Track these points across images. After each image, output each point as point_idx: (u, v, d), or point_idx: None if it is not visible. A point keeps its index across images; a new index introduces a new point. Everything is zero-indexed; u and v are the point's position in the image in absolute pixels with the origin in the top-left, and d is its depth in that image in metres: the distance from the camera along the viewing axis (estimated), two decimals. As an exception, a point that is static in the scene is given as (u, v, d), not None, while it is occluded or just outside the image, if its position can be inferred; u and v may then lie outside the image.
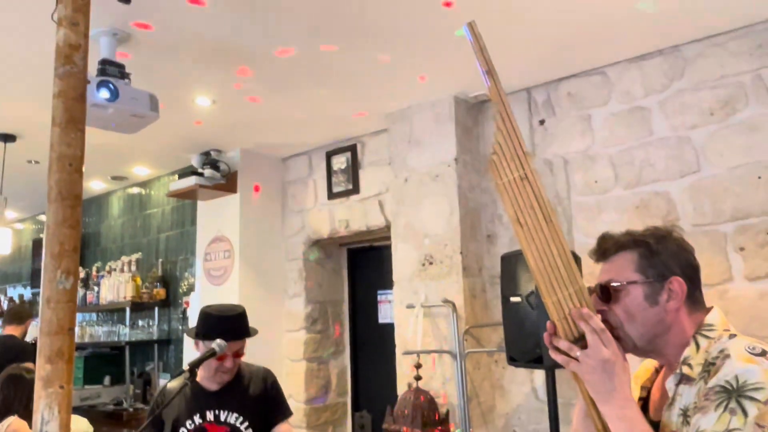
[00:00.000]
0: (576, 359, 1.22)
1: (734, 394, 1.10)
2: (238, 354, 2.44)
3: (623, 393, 1.19)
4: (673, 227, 1.35)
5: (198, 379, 2.45)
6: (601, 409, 1.22)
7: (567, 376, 3.14)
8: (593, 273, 1.38)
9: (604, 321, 1.25)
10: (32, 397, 3.09)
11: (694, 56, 3.09)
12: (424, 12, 2.73)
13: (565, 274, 1.25)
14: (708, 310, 1.29)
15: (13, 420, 3.00)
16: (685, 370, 1.22)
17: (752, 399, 1.08)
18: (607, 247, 1.35)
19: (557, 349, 1.25)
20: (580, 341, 1.23)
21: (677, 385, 1.23)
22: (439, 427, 3.34)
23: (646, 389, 1.39)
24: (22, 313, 4.82)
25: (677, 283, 1.26)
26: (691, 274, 1.29)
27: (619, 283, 1.29)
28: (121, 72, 2.79)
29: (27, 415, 3.04)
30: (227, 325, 2.43)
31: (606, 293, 1.30)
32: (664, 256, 1.28)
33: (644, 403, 1.37)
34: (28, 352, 4.41)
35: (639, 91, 3.24)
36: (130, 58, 3.00)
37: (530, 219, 1.26)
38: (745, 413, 1.07)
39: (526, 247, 1.26)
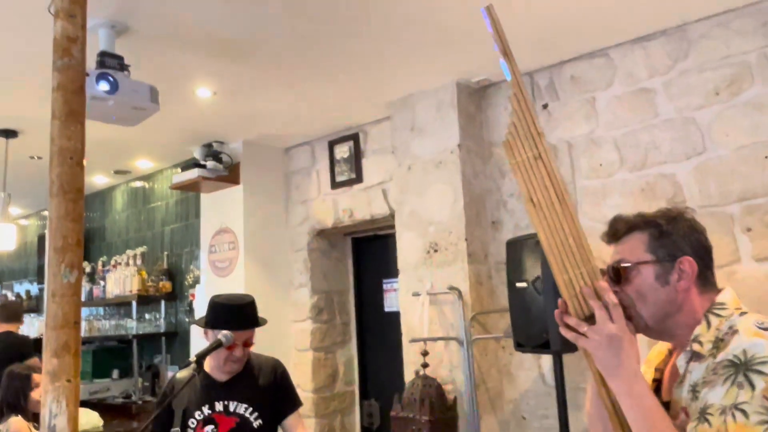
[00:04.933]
0: (584, 335, 1.23)
1: (742, 368, 1.11)
2: (248, 343, 2.43)
3: (631, 368, 1.20)
4: (685, 209, 1.35)
5: (207, 369, 2.44)
6: (609, 384, 1.23)
7: (575, 361, 3.14)
8: (599, 258, 1.37)
9: None
10: (29, 395, 3.11)
11: (699, 36, 3.05)
12: (425, -3, 2.70)
13: (577, 254, 1.26)
14: (720, 290, 1.29)
15: (14, 420, 3.01)
16: (696, 347, 1.22)
17: (760, 372, 1.09)
18: (618, 228, 1.36)
19: (567, 326, 1.26)
20: (590, 319, 1.24)
21: (688, 362, 1.24)
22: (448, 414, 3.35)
23: (660, 371, 1.39)
24: (16, 309, 4.84)
25: (688, 263, 1.26)
26: (703, 255, 1.29)
27: (629, 264, 1.29)
28: (121, 64, 2.77)
29: (26, 412, 3.06)
30: (236, 314, 2.42)
31: (617, 274, 1.30)
32: (675, 237, 1.29)
33: (658, 385, 1.37)
34: (29, 345, 4.46)
35: (643, 72, 3.21)
36: (129, 49, 2.98)
37: (543, 198, 1.27)
38: (752, 387, 1.08)
39: (538, 226, 1.27)
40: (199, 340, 4.26)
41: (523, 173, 1.29)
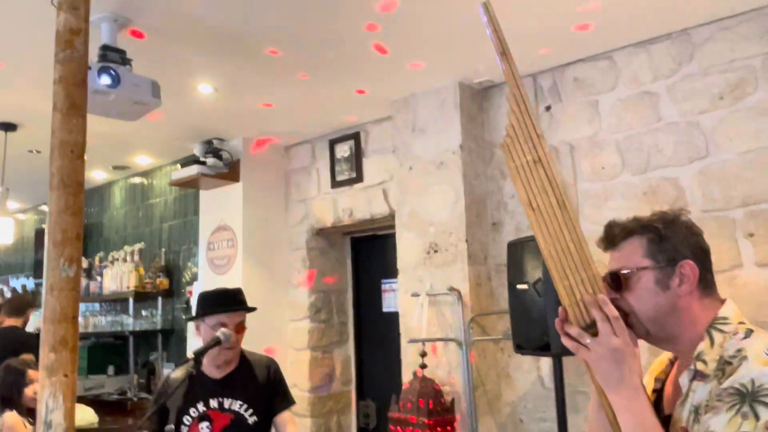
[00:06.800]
0: (586, 347, 1.20)
1: (748, 398, 1.07)
2: (240, 328, 2.44)
3: (632, 383, 1.17)
4: (680, 211, 1.32)
5: (202, 367, 2.44)
6: (609, 398, 1.20)
7: (574, 364, 3.12)
8: (601, 261, 1.35)
9: (617, 309, 1.23)
10: (23, 391, 3.09)
11: (703, 40, 3.04)
12: (430, -4, 2.69)
13: (577, 259, 1.23)
14: (722, 302, 1.26)
15: (8, 415, 3.00)
16: (699, 366, 1.19)
17: (766, 404, 1.06)
18: (614, 234, 1.33)
19: (568, 336, 1.23)
20: (592, 328, 1.21)
21: (691, 381, 1.21)
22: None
23: (660, 381, 1.37)
24: (21, 303, 4.82)
25: (689, 267, 1.23)
26: (702, 257, 1.27)
27: (629, 270, 1.26)
28: (123, 58, 2.75)
29: (21, 407, 3.04)
30: (225, 298, 2.48)
31: (617, 281, 1.28)
32: (673, 240, 1.26)
33: (658, 396, 1.35)
34: (30, 343, 4.42)
35: (647, 75, 3.20)
36: (133, 43, 2.96)
37: (543, 203, 1.24)
38: (756, 417, 1.05)
39: (538, 231, 1.24)
40: (195, 337, 4.26)
41: (522, 177, 1.26)
